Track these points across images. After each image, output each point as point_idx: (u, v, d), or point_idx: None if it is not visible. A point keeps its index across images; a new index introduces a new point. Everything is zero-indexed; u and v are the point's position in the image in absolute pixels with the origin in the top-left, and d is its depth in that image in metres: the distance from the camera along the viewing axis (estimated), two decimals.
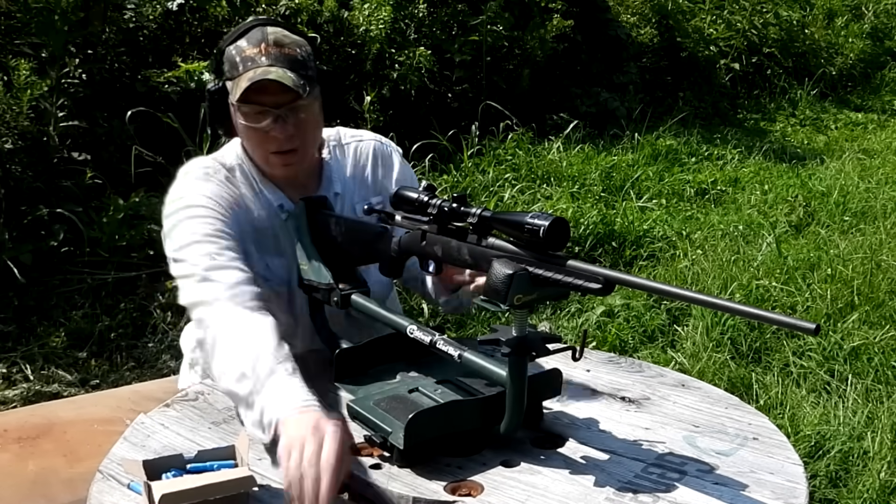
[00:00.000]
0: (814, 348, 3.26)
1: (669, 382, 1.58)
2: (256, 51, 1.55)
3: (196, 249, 1.53)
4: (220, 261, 1.51)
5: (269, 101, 1.55)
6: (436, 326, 1.49)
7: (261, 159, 1.65)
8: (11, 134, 3.63)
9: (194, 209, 1.57)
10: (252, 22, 1.61)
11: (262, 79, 1.51)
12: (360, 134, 1.83)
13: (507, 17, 5.85)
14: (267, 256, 1.66)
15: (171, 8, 4.57)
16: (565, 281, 1.17)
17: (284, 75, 1.52)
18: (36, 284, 3.47)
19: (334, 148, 1.78)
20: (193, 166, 1.67)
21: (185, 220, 1.57)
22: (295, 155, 1.62)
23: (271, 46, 1.55)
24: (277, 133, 1.57)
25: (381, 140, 1.83)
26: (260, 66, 1.54)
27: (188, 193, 1.60)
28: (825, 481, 2.57)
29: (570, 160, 5.32)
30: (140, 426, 1.42)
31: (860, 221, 4.81)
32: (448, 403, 1.30)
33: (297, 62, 1.56)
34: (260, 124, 1.57)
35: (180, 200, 1.59)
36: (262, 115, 1.56)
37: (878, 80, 9.16)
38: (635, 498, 1.19)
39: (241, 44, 1.57)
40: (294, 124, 1.57)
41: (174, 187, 1.63)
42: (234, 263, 1.51)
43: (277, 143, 1.59)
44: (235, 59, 1.57)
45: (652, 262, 4.25)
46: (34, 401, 2.82)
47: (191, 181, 1.63)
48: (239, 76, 1.55)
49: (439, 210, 1.38)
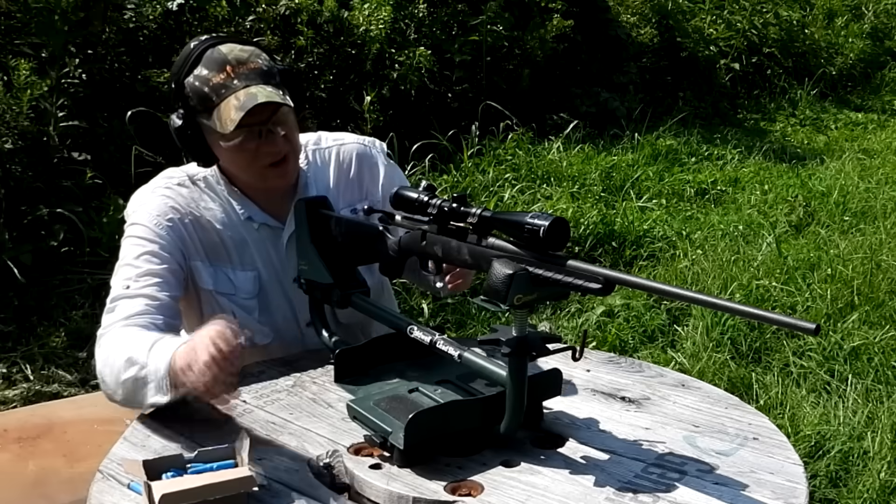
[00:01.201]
0: (814, 348, 3.26)
1: (669, 382, 1.58)
2: (223, 76, 1.52)
3: (120, 274, 1.57)
4: (132, 289, 1.53)
5: (256, 120, 1.53)
6: (436, 326, 1.49)
7: (254, 176, 1.62)
8: (11, 134, 3.63)
9: (132, 227, 1.60)
10: (199, 46, 1.55)
11: (254, 104, 1.48)
12: (342, 137, 1.80)
13: (507, 17, 5.84)
14: (227, 270, 1.65)
15: (171, 8, 4.57)
16: (565, 281, 1.17)
17: (268, 92, 1.51)
18: (36, 284, 3.47)
19: (313, 153, 1.75)
20: (152, 182, 1.68)
21: (128, 238, 1.61)
22: (288, 163, 1.61)
23: (236, 67, 1.53)
24: (269, 147, 1.56)
25: (363, 142, 1.80)
26: (235, 89, 1.51)
27: (135, 210, 1.62)
28: (825, 481, 2.57)
29: (570, 160, 5.32)
30: (140, 426, 1.42)
31: (860, 221, 4.81)
32: (448, 403, 1.30)
33: (265, 73, 1.55)
34: (251, 145, 1.55)
35: (128, 218, 1.63)
36: (251, 136, 1.55)
37: (878, 80, 9.15)
38: (635, 498, 1.19)
39: (201, 72, 1.53)
40: (281, 133, 1.57)
41: (130, 202, 1.66)
42: (144, 291, 1.53)
43: (271, 156, 1.58)
44: (203, 91, 1.53)
45: (652, 262, 4.25)
46: (34, 401, 2.83)
47: (142, 195, 1.64)
48: (216, 106, 1.52)
49: (439, 210, 1.38)
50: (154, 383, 1.38)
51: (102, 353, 1.48)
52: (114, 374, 1.44)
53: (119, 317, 1.50)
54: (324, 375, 1.54)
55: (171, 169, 1.71)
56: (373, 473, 1.25)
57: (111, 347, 1.47)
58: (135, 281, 1.54)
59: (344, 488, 1.28)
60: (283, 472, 1.27)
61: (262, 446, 1.34)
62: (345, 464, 1.29)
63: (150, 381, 1.39)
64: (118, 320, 1.50)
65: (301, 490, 1.23)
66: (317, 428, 1.39)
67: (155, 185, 1.66)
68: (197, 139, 1.58)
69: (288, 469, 1.28)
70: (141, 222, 1.60)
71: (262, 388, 1.51)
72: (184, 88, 1.55)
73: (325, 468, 1.30)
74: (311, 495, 1.22)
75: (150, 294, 1.53)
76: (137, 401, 1.43)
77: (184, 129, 1.57)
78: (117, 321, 1.50)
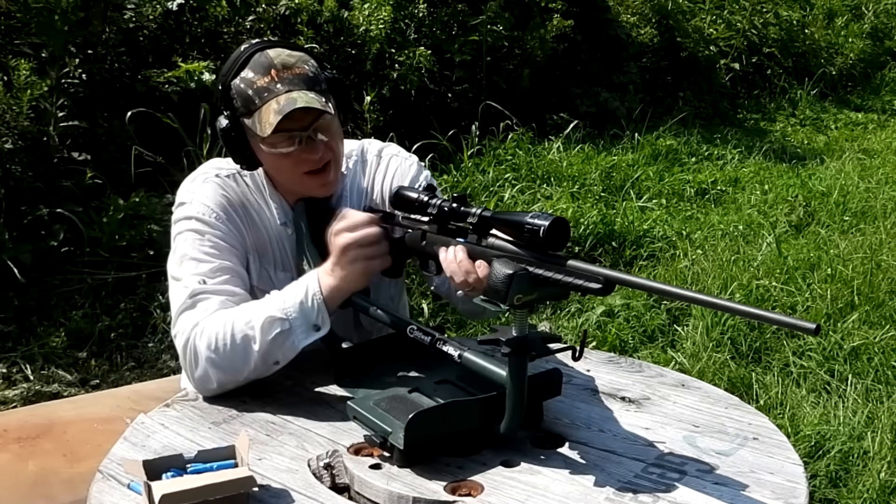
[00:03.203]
0: (814, 348, 3.26)
1: (669, 382, 1.58)
2: (268, 79, 1.51)
3: (186, 268, 1.53)
4: (210, 285, 1.51)
5: (297, 126, 1.52)
6: (436, 326, 1.49)
7: (294, 183, 1.61)
8: (11, 134, 3.63)
9: (189, 221, 1.56)
10: (249, 49, 1.55)
11: (293, 109, 1.47)
12: (384, 147, 1.77)
13: (507, 17, 5.84)
14: (269, 268, 1.64)
15: (171, 8, 4.56)
16: (565, 281, 1.17)
17: (308, 98, 1.49)
18: (36, 284, 3.47)
19: (354, 163, 1.73)
20: (202, 168, 1.65)
21: (185, 231, 1.56)
22: (329, 172, 1.59)
23: (281, 71, 1.52)
24: (309, 153, 1.54)
25: (400, 153, 1.76)
26: (278, 93, 1.50)
27: (190, 201, 1.59)
28: (825, 481, 2.57)
29: (570, 160, 5.32)
30: (140, 426, 1.42)
31: (860, 221, 4.81)
32: (448, 403, 1.30)
33: (310, 80, 1.54)
34: (291, 149, 1.54)
35: (181, 209, 1.59)
36: (291, 141, 1.53)
37: (878, 80, 9.16)
38: (635, 498, 1.19)
39: (247, 75, 1.53)
40: (323, 141, 1.55)
41: (181, 191, 1.62)
42: (223, 287, 1.51)
43: (311, 164, 1.56)
44: (247, 93, 1.52)
45: (652, 262, 4.25)
46: (34, 401, 2.83)
47: (193, 185, 1.61)
48: (258, 109, 1.51)
49: (439, 210, 1.38)
50: (301, 325, 1.43)
51: (207, 342, 1.45)
52: (241, 351, 1.43)
53: (206, 312, 1.48)
54: (324, 375, 1.54)
55: (218, 160, 1.69)
56: (373, 473, 1.25)
57: (218, 331, 1.45)
58: (210, 277, 1.51)
59: (344, 488, 1.28)
60: (283, 472, 1.27)
61: (262, 446, 1.34)
62: (345, 464, 1.29)
63: (295, 326, 1.43)
64: (207, 315, 1.47)
65: (301, 490, 1.23)
66: (317, 428, 1.39)
67: (205, 175, 1.62)
68: (241, 142, 1.57)
69: (288, 469, 1.28)
70: (198, 214, 1.56)
71: (263, 388, 1.51)
72: (230, 90, 1.55)
73: (324, 468, 1.30)
74: (311, 495, 1.22)
75: (228, 290, 1.51)
76: (274, 359, 1.45)
77: (228, 130, 1.56)
78: (206, 317, 1.47)
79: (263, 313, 1.44)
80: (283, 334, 1.44)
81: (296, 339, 1.45)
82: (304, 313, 1.44)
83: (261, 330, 1.44)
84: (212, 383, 1.47)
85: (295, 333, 1.44)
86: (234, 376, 1.47)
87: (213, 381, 1.47)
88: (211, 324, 1.46)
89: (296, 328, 1.44)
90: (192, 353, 1.47)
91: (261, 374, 1.48)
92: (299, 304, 1.45)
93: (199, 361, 1.46)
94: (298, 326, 1.44)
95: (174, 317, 1.51)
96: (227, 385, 1.48)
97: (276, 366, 1.47)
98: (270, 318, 1.44)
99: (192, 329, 1.47)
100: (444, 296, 1.79)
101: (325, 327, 1.46)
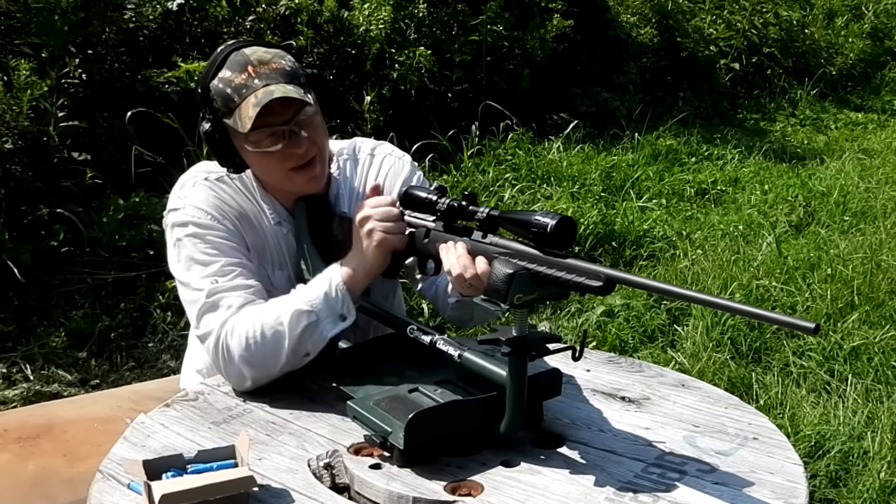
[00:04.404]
0: (814, 348, 3.26)
1: (669, 382, 1.58)
2: (245, 76, 1.51)
3: (194, 273, 1.53)
4: (222, 283, 1.51)
5: (278, 120, 1.52)
6: (436, 326, 1.49)
7: (282, 180, 1.61)
8: (11, 134, 3.63)
9: (188, 227, 1.55)
10: (225, 50, 1.55)
11: (269, 100, 1.47)
12: (377, 146, 1.77)
13: (507, 17, 5.84)
14: (267, 266, 1.64)
15: (171, 8, 4.57)
16: (566, 280, 1.17)
17: (286, 90, 1.49)
18: (36, 284, 3.47)
19: (345, 162, 1.73)
20: (190, 172, 1.65)
21: (183, 238, 1.56)
22: (315, 166, 1.59)
23: (258, 67, 1.52)
24: (293, 148, 1.54)
25: (394, 153, 1.76)
26: (255, 88, 1.50)
27: (182, 206, 1.58)
28: (825, 481, 2.56)
29: (570, 160, 5.32)
30: (140, 426, 1.42)
31: (860, 221, 4.81)
32: (448, 403, 1.30)
33: (288, 73, 1.53)
34: (274, 147, 1.53)
35: (174, 215, 1.58)
36: (274, 137, 1.53)
37: (878, 80, 9.16)
38: (635, 498, 1.19)
39: (225, 74, 1.53)
40: (306, 134, 1.55)
41: (171, 197, 1.61)
42: (236, 282, 1.51)
43: (296, 159, 1.56)
44: (226, 92, 1.52)
45: (652, 262, 4.25)
46: (34, 401, 2.82)
47: (186, 191, 1.60)
48: (238, 106, 1.51)
49: (448, 207, 1.38)
50: (327, 316, 1.46)
51: (238, 341, 1.46)
52: (272, 347, 1.45)
53: (231, 310, 1.48)
54: (324, 375, 1.54)
55: (206, 163, 1.68)
56: (373, 473, 1.25)
57: (248, 329, 1.46)
58: (221, 275, 1.51)
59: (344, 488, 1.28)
60: (283, 472, 1.27)
61: (262, 446, 1.34)
62: (345, 464, 1.29)
63: (322, 317, 1.46)
64: (233, 313, 1.48)
65: (301, 490, 1.23)
66: (317, 428, 1.39)
67: (195, 179, 1.62)
68: (226, 143, 1.56)
69: (288, 469, 1.28)
70: (193, 218, 1.56)
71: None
72: (209, 92, 1.55)
73: (324, 468, 1.30)
74: (311, 495, 1.22)
75: (243, 284, 1.52)
76: (304, 351, 1.47)
77: (212, 133, 1.56)
78: (232, 314, 1.48)
79: (291, 307, 1.46)
80: (310, 326, 1.46)
81: (323, 330, 1.46)
82: (328, 304, 1.46)
83: (289, 324, 1.45)
84: (246, 381, 1.50)
85: (322, 324, 1.46)
86: (268, 372, 1.49)
87: (248, 379, 1.49)
88: (240, 322, 1.47)
89: (322, 319, 1.46)
90: (224, 353, 1.48)
91: (293, 366, 1.50)
92: (324, 295, 1.47)
93: (233, 360, 1.47)
94: (325, 318, 1.46)
95: (195, 319, 1.51)
96: (262, 381, 1.50)
97: (306, 357, 1.49)
98: (298, 312, 1.46)
99: (220, 328, 1.48)
100: (430, 300, 1.79)
101: (351, 317, 1.48)
